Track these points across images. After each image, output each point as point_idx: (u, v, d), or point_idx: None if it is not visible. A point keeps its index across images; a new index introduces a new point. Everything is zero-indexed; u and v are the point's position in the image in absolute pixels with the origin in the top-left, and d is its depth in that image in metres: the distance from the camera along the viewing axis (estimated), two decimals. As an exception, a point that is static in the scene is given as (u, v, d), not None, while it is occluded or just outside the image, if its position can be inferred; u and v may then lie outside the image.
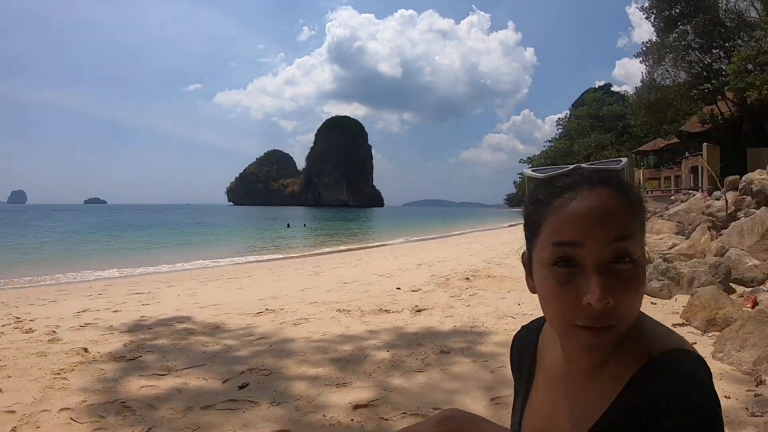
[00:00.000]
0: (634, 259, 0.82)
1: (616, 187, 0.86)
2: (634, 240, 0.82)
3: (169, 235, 32.88)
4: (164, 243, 25.16)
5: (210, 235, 33.93)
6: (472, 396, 2.90)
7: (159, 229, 40.41)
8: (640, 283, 0.83)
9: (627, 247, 0.81)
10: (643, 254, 0.84)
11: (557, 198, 0.87)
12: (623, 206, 0.84)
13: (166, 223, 54.01)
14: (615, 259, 0.81)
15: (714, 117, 33.85)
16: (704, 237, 8.19)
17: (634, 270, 0.81)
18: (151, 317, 5.19)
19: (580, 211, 0.83)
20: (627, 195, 0.86)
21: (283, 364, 3.48)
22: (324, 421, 2.54)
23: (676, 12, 31.87)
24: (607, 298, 0.78)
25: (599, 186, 0.86)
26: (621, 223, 0.82)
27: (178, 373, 3.28)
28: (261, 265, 14.12)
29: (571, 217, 0.84)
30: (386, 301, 5.97)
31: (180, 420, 2.54)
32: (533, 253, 0.90)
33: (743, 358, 3.23)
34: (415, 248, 18.48)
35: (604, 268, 0.80)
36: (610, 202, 0.83)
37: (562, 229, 0.84)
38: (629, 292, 0.81)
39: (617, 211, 0.83)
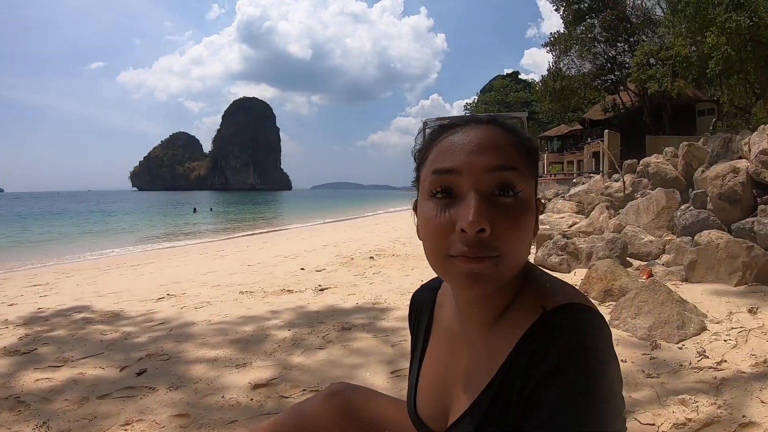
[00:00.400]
0: (517, 193, 0.79)
1: (504, 127, 0.84)
2: (520, 174, 0.80)
3: (71, 224, 31.13)
4: (65, 233, 23.73)
5: (114, 222, 32.42)
6: (373, 370, 2.97)
7: (60, 218, 38.23)
8: (524, 219, 0.79)
9: (509, 178, 0.78)
10: (531, 196, 0.82)
11: (444, 133, 0.85)
12: (509, 140, 0.82)
13: (68, 211, 50.91)
14: (497, 192, 0.78)
15: (616, 106, 35.83)
16: (602, 215, 8.65)
17: (517, 204, 0.79)
18: (49, 309, 4.94)
19: (460, 140, 0.82)
20: (515, 134, 0.84)
21: (183, 348, 3.43)
22: (223, 403, 2.53)
23: (584, 6, 33.24)
24: (481, 223, 0.74)
25: (486, 123, 0.85)
26: (504, 153, 0.80)
27: (75, 364, 3.16)
28: (164, 251, 13.71)
29: (450, 145, 0.82)
30: (290, 282, 5.97)
31: (76, 411, 2.46)
32: (419, 191, 0.87)
33: (639, 325, 3.40)
34: (322, 230, 18.47)
35: (483, 196, 0.77)
36: (493, 134, 0.82)
37: (441, 158, 0.82)
38: (510, 225, 0.77)
39: (501, 142, 0.81)
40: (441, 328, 1.03)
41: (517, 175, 0.79)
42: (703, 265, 4.72)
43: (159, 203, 74.96)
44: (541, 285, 0.86)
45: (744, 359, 2.81)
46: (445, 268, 0.81)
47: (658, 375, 2.69)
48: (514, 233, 0.77)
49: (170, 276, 7.19)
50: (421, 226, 0.84)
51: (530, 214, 0.81)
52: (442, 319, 1.03)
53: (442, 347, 1.01)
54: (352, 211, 41.63)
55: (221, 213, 45.64)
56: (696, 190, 7.20)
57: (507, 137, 0.82)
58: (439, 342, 1.02)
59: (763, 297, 3.97)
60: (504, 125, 0.85)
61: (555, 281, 0.88)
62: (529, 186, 0.82)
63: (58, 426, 2.29)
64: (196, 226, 27.78)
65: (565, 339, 0.75)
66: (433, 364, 1.02)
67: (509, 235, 0.77)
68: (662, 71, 26.76)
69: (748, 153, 6.62)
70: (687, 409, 2.25)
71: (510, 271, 0.80)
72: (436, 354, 1.02)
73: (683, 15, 18.39)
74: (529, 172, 0.83)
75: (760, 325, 3.32)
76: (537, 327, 0.79)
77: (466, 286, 0.79)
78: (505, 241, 0.77)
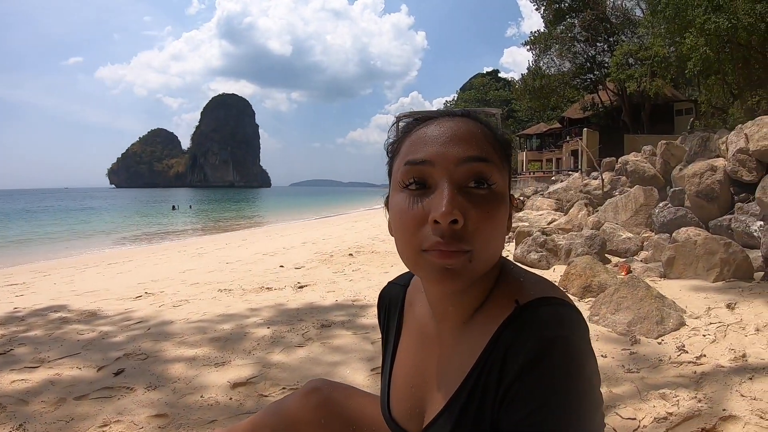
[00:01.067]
0: (491, 185, 0.78)
1: (479, 120, 0.84)
2: (494, 167, 0.79)
3: (49, 222, 30.66)
4: (42, 231, 23.31)
5: (92, 221, 31.98)
6: (353, 367, 2.95)
7: (37, 216, 37.67)
8: (498, 212, 0.78)
9: (483, 169, 0.77)
10: (505, 189, 0.82)
11: (417, 126, 0.85)
12: (483, 132, 0.81)
13: (46, 209, 50.18)
14: (471, 184, 0.77)
15: (595, 105, 36.25)
16: (581, 213, 8.73)
17: (491, 196, 0.78)
18: (25, 308, 4.84)
19: (433, 132, 0.81)
20: (489, 128, 0.84)
21: (161, 347, 3.38)
22: (202, 402, 2.49)
23: (565, 5, 33.57)
24: (454, 213, 0.73)
25: (460, 116, 0.84)
26: (478, 144, 0.79)
27: (51, 364, 3.09)
28: (143, 248, 13.63)
29: (423, 137, 0.81)
30: (269, 279, 5.93)
31: (53, 413, 2.40)
32: (390, 185, 0.86)
33: (618, 320, 3.43)
34: (301, 227, 18.45)
35: (456, 187, 0.76)
36: (467, 126, 0.81)
37: (414, 149, 0.81)
38: (483, 217, 0.76)
39: (475, 134, 0.80)
40: (412, 327, 1.01)
41: (491, 167, 0.78)
42: (681, 261, 4.77)
43: (138, 201, 74.19)
44: (515, 280, 0.85)
45: (723, 354, 2.84)
46: (417, 263, 0.79)
47: (638, 370, 2.71)
48: (488, 225, 0.76)
49: (148, 274, 7.10)
50: (392, 219, 0.83)
51: (504, 207, 0.80)
52: (414, 317, 1.02)
53: (414, 346, 0.99)
54: (332, 208, 41.68)
55: (200, 210, 45.34)
56: (674, 188, 7.28)
57: (481, 130, 0.82)
58: (411, 340, 1.01)
59: (740, 293, 4.02)
60: (478, 119, 0.85)
61: (529, 276, 0.87)
62: (503, 179, 0.81)
63: (34, 428, 2.25)
64: (175, 224, 27.66)
65: (540, 333, 0.74)
66: (405, 364, 1.01)
67: (482, 227, 0.76)
68: (641, 71, 27.11)
69: (726, 152, 6.71)
70: (667, 403, 2.26)
71: (483, 266, 0.78)
72: (409, 353, 1.01)
73: (662, 16, 18.61)
74: (503, 165, 0.82)
75: (738, 320, 3.36)
76: (510, 322, 0.78)
77: (438, 281, 0.77)
78: (478, 233, 0.75)
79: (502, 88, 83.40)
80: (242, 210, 46.13)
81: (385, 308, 1.14)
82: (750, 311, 3.54)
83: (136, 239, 18.84)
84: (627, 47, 28.83)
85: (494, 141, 0.82)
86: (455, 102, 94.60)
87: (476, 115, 0.86)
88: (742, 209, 5.89)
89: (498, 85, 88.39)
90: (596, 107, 36.38)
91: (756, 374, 2.51)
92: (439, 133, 0.80)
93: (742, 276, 4.48)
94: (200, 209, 47.73)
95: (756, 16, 14.83)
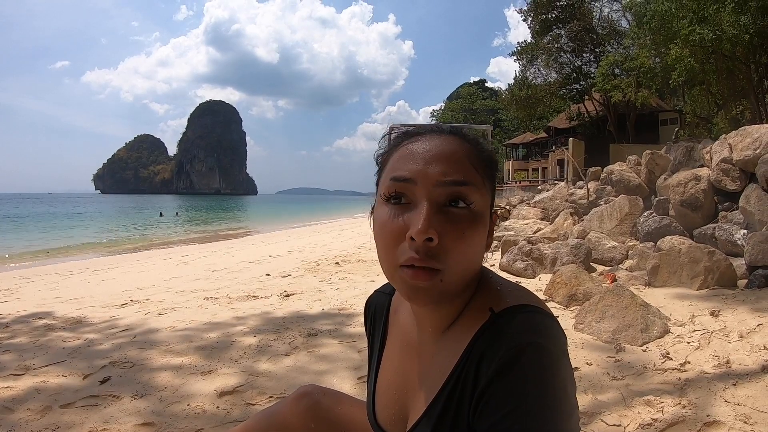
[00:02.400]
0: (469, 205, 0.80)
1: (465, 138, 0.86)
2: (474, 188, 0.81)
3: (35, 228, 30.30)
4: (28, 237, 23.04)
5: (79, 227, 31.67)
6: (339, 376, 2.95)
7: (20, 222, 37.21)
8: (474, 231, 0.80)
9: (460, 191, 0.80)
10: (485, 208, 0.84)
11: (405, 140, 0.87)
12: (466, 153, 0.83)
13: (32, 214, 49.41)
14: (449, 203, 0.80)
15: (581, 115, 36.55)
16: (567, 222, 8.81)
17: (468, 216, 0.80)
18: (9, 315, 4.79)
19: (419, 149, 0.83)
20: (475, 147, 0.86)
21: (147, 355, 3.35)
22: (188, 411, 2.48)
23: (552, 16, 33.82)
24: (429, 232, 0.76)
25: (447, 134, 0.86)
26: (459, 166, 0.81)
27: (36, 372, 3.06)
28: (128, 256, 13.47)
29: (409, 154, 0.83)
30: (255, 288, 5.91)
31: (38, 421, 2.37)
32: (377, 195, 0.89)
33: (603, 328, 3.45)
34: (287, 235, 18.42)
35: (434, 207, 0.78)
36: (451, 146, 0.83)
37: (399, 165, 0.83)
38: (458, 237, 0.78)
39: (458, 155, 0.82)
40: (396, 334, 1.04)
41: (469, 189, 0.80)
42: (665, 269, 4.82)
43: (124, 207, 73.60)
44: (492, 289, 0.87)
45: (707, 360, 2.87)
46: (393, 277, 0.83)
47: (623, 377, 2.73)
48: (462, 244, 0.79)
49: (134, 281, 7.06)
50: (375, 230, 0.85)
51: (481, 226, 0.82)
52: (398, 325, 1.05)
53: (398, 353, 1.02)
54: (318, 216, 41.64)
55: (188, 218, 45.09)
56: (658, 197, 7.37)
57: (465, 150, 0.84)
58: (395, 348, 1.04)
59: (724, 300, 4.06)
60: (465, 137, 0.87)
61: (507, 285, 0.89)
62: (483, 199, 0.83)
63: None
64: (162, 230, 27.48)
65: (512, 339, 0.76)
66: (389, 371, 1.04)
67: (456, 246, 0.78)
68: (627, 81, 27.35)
69: (710, 161, 6.79)
70: (652, 409, 2.29)
71: (454, 286, 0.81)
72: (392, 360, 1.03)
73: (648, 27, 18.80)
74: (485, 185, 0.85)
75: (721, 328, 3.40)
76: (485, 329, 0.81)
77: (408, 297, 0.81)
78: (452, 252, 0.78)
79: (489, 98, 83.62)
80: (228, 217, 45.96)
81: (371, 316, 1.16)
82: (734, 318, 3.58)
83: (123, 243, 18.76)
84: (613, 58, 29.09)
85: (477, 161, 0.84)
86: (442, 111, 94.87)
87: (464, 133, 0.88)
88: (725, 218, 5.97)
89: (485, 95, 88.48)
90: (582, 117, 36.70)
91: (740, 380, 2.54)
92: (423, 152, 0.82)
93: (725, 284, 4.53)
94: (187, 216, 47.53)
95: (740, 27, 15.03)
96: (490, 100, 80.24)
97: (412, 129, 0.90)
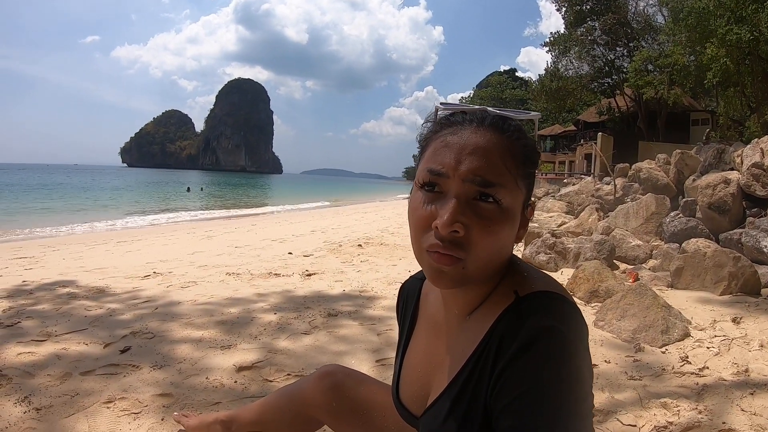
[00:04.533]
0: (498, 201, 0.82)
1: (504, 132, 0.86)
2: (504, 188, 0.82)
3: (62, 198, 30.75)
4: (54, 207, 23.35)
5: (104, 198, 32.11)
6: (358, 358, 2.97)
7: (52, 192, 37.76)
8: (501, 227, 0.82)
9: (490, 191, 0.81)
10: (516, 205, 0.85)
11: (446, 128, 0.88)
12: (501, 150, 0.84)
13: (61, 185, 49.95)
14: (479, 196, 0.82)
15: (611, 109, 36.04)
16: (592, 217, 8.70)
17: (495, 211, 0.82)
18: (34, 282, 4.87)
19: (454, 144, 0.84)
20: (513, 142, 0.86)
21: (168, 327, 3.40)
22: (207, 384, 2.52)
23: (587, 8, 33.30)
24: (455, 225, 0.79)
25: (487, 127, 0.86)
26: (491, 166, 0.82)
27: (58, 339, 3.11)
28: (152, 228, 13.72)
29: (444, 147, 0.85)
30: (277, 266, 5.94)
31: (58, 387, 2.42)
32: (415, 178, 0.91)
33: (623, 327, 3.42)
34: (311, 215, 18.51)
35: (463, 201, 0.81)
36: (487, 143, 0.84)
37: (435, 157, 0.85)
38: (484, 231, 0.81)
39: (492, 154, 0.83)
40: (426, 317, 1.07)
41: (499, 189, 0.82)
42: (689, 272, 4.75)
43: (151, 182, 74.47)
44: (519, 274, 0.89)
45: (726, 367, 2.83)
46: (420, 258, 0.86)
47: (641, 377, 2.71)
48: (488, 239, 0.82)
49: (157, 254, 7.14)
50: (409, 211, 0.88)
51: (509, 221, 0.84)
52: (428, 307, 1.07)
53: (426, 334, 1.05)
54: (342, 198, 41.75)
55: (212, 193, 45.51)
56: (686, 198, 7.26)
57: (502, 147, 0.85)
58: (424, 330, 1.07)
59: (747, 307, 4.00)
60: (506, 131, 0.87)
61: (534, 272, 0.91)
62: (514, 196, 0.85)
63: (39, 401, 2.26)
64: (188, 205, 27.83)
65: (533, 321, 0.78)
66: (416, 351, 1.06)
67: (481, 240, 0.81)
68: (659, 78, 26.88)
69: (740, 165, 6.67)
70: (668, 412, 2.27)
71: (477, 273, 0.84)
72: (420, 341, 1.06)
73: (684, 24, 18.42)
74: (518, 183, 0.86)
75: (742, 335, 3.35)
76: (509, 311, 0.83)
77: (432, 279, 0.85)
78: (476, 245, 0.81)
79: (519, 87, 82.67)
80: (253, 195, 46.29)
81: (404, 300, 1.19)
82: (755, 327, 3.53)
83: (147, 215, 19.10)
84: (647, 53, 28.59)
85: (512, 159, 0.85)
86: (471, 99, 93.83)
87: (506, 126, 0.88)
88: (753, 224, 5.86)
89: (515, 84, 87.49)
90: (612, 112, 36.20)
91: (757, 390, 2.51)
92: (459, 147, 0.84)
93: (749, 291, 4.46)
94: (211, 192, 47.92)
95: (779, 30, 14.67)
96: (520, 90, 79.23)
97: (458, 113, 0.92)
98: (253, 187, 73.01)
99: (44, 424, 2.08)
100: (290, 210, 24.98)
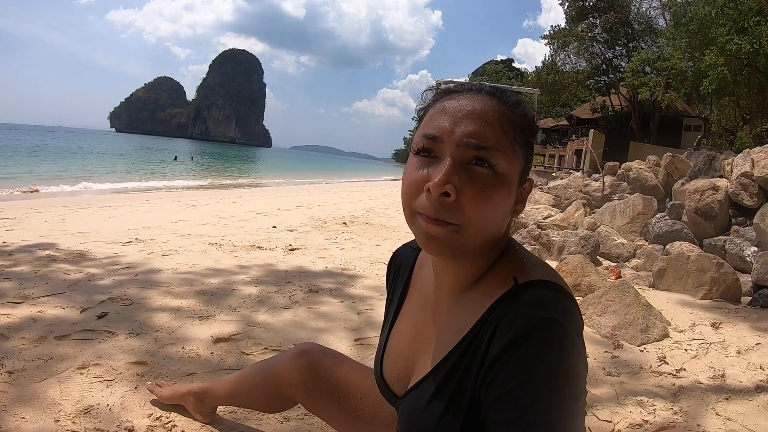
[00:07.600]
0: (493, 167, 0.79)
1: (502, 100, 0.84)
2: (500, 153, 0.80)
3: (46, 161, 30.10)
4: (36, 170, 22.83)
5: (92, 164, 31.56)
6: (337, 335, 2.95)
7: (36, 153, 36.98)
8: (495, 192, 0.80)
9: (485, 155, 0.79)
10: (512, 172, 0.83)
11: (442, 97, 0.87)
12: (498, 115, 0.82)
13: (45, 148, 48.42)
14: (474, 161, 0.80)
15: (605, 108, 36.14)
16: (578, 212, 8.74)
17: (490, 176, 0.79)
18: (14, 243, 4.78)
19: (451, 107, 0.83)
20: (511, 110, 0.84)
21: (146, 294, 3.36)
22: (182, 354, 2.49)
23: (589, 4, 33.29)
24: (446, 187, 0.76)
25: (485, 94, 0.85)
26: (487, 129, 0.80)
27: (35, 302, 3.06)
28: (136, 195, 13.56)
29: (441, 111, 0.84)
30: (260, 239, 5.91)
31: (32, 350, 2.38)
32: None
33: (604, 323, 3.43)
34: (297, 191, 18.51)
35: (457, 164, 0.79)
36: (484, 107, 0.82)
37: (431, 122, 0.84)
38: (477, 196, 0.78)
39: (488, 117, 0.81)
40: (417, 291, 1.04)
41: (494, 153, 0.80)
42: (671, 274, 4.78)
43: (139, 148, 73.60)
44: (518, 259, 0.87)
45: (703, 370, 2.85)
46: (411, 222, 0.84)
47: (619, 374, 2.72)
48: (480, 204, 0.79)
49: (140, 221, 7.06)
50: (402, 177, 0.86)
51: (504, 189, 0.81)
52: (420, 281, 1.04)
53: (415, 310, 1.02)
54: (330, 175, 41.74)
55: (202, 164, 45.15)
56: (673, 201, 7.29)
57: (499, 112, 0.83)
58: (413, 304, 1.03)
59: (726, 313, 4.03)
60: (503, 99, 0.85)
61: (533, 258, 0.89)
62: (511, 162, 0.82)
63: (12, 364, 2.22)
64: (175, 173, 27.63)
65: (531, 312, 0.75)
66: (403, 327, 1.03)
67: (474, 205, 0.78)
68: (656, 80, 27.03)
69: (730, 173, 6.71)
70: (644, 411, 2.28)
71: (471, 240, 0.81)
72: (408, 316, 1.03)
73: (686, 29, 18.49)
74: (515, 150, 0.83)
75: (720, 340, 3.38)
76: (505, 298, 0.80)
77: (423, 245, 0.83)
78: (469, 210, 0.78)
79: (515, 78, 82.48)
80: (242, 167, 46.01)
81: (396, 268, 1.15)
82: (734, 333, 3.56)
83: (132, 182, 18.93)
84: (645, 55, 28.68)
85: (510, 125, 0.82)
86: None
87: (501, 94, 0.86)
88: (738, 232, 5.91)
89: (511, 75, 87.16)
90: (606, 110, 36.28)
91: (733, 395, 2.53)
92: (455, 111, 0.82)
93: (729, 298, 4.49)
94: (201, 162, 47.54)
95: (779, 44, 14.76)
96: (516, 80, 79.04)
97: (454, 86, 0.90)
98: (242, 159, 72.76)
99: (16, 387, 2.03)
100: (277, 184, 24.89)
